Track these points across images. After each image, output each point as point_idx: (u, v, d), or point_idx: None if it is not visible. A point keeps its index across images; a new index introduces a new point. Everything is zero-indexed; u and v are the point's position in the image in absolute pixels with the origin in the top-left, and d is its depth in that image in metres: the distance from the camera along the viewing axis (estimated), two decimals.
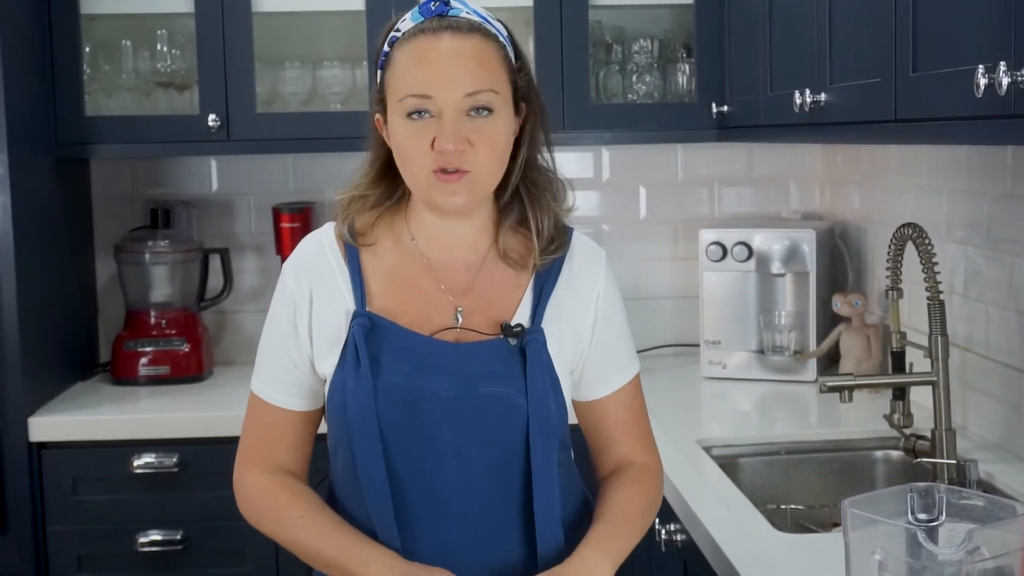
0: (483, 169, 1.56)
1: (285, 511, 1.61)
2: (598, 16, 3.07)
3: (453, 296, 1.64)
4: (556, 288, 1.66)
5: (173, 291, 3.12)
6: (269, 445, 1.66)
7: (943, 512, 1.31)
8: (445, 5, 1.58)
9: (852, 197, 3.11)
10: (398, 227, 1.67)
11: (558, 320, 1.64)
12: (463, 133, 1.53)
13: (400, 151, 1.57)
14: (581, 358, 1.68)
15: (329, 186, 3.25)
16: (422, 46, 1.55)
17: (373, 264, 1.64)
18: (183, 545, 2.72)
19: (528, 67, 1.65)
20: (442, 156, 1.52)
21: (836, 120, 2.06)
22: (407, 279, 1.64)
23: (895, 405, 2.29)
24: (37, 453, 2.70)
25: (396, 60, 1.57)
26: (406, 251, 1.66)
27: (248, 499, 1.66)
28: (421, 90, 1.53)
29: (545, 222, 1.65)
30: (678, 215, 3.35)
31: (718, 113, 2.91)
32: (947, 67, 1.58)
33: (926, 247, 2.15)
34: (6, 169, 2.61)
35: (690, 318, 3.17)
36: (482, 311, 1.63)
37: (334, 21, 3.12)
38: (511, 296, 1.65)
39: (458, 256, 1.66)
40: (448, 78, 1.53)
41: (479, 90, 1.54)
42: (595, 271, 1.70)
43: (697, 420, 2.71)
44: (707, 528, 1.89)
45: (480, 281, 1.65)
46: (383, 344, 1.59)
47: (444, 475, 1.57)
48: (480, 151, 1.54)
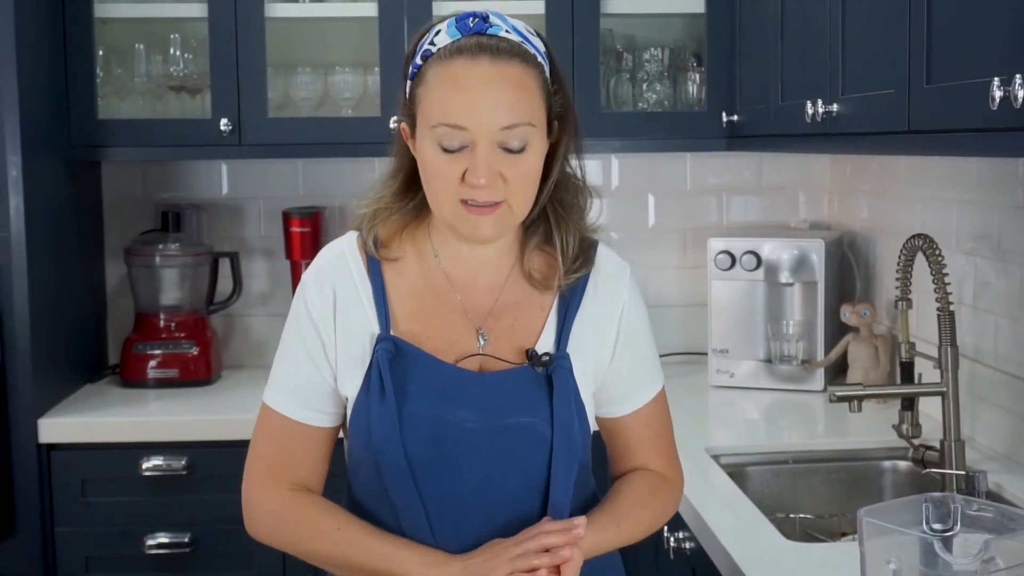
0: (514, 201, 1.51)
1: (317, 524, 1.56)
2: (609, 25, 3.08)
3: (476, 319, 1.60)
4: (581, 307, 1.62)
5: (183, 294, 3.13)
6: (292, 463, 1.60)
7: (958, 522, 1.32)
8: (484, 22, 1.51)
9: (861, 207, 3.12)
10: (421, 242, 1.62)
11: (583, 340, 1.61)
12: (496, 167, 1.47)
13: (428, 176, 1.52)
14: (603, 375, 1.65)
15: (339, 191, 3.27)
16: (459, 70, 1.48)
17: (396, 281, 1.60)
18: (191, 548, 2.72)
19: (565, 85, 1.58)
20: (472, 189, 1.47)
21: (848, 131, 2.07)
22: (430, 300, 1.60)
23: (904, 415, 2.30)
24: (46, 454, 2.70)
25: (429, 79, 1.50)
26: (429, 268, 1.61)
27: (270, 514, 1.59)
28: (455, 120, 1.46)
29: (571, 241, 1.61)
30: (687, 223, 3.36)
31: (728, 122, 2.92)
32: (962, 79, 1.59)
33: (936, 258, 2.16)
34: (19, 171, 2.62)
35: (698, 326, 3.18)
36: (506, 335, 1.60)
37: (346, 27, 3.13)
38: (535, 318, 1.62)
39: (481, 277, 1.62)
40: (484, 109, 1.46)
41: (516, 123, 1.48)
42: (619, 286, 1.65)
43: (705, 428, 2.71)
44: (717, 536, 1.90)
45: (503, 303, 1.61)
46: (408, 371, 1.55)
47: (467, 502, 1.55)
48: (512, 184, 1.49)
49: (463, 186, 1.48)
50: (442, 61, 1.49)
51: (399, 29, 2.91)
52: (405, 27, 2.90)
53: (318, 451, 1.62)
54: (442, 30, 1.52)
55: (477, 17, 1.51)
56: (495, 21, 1.52)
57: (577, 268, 1.61)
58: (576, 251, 1.61)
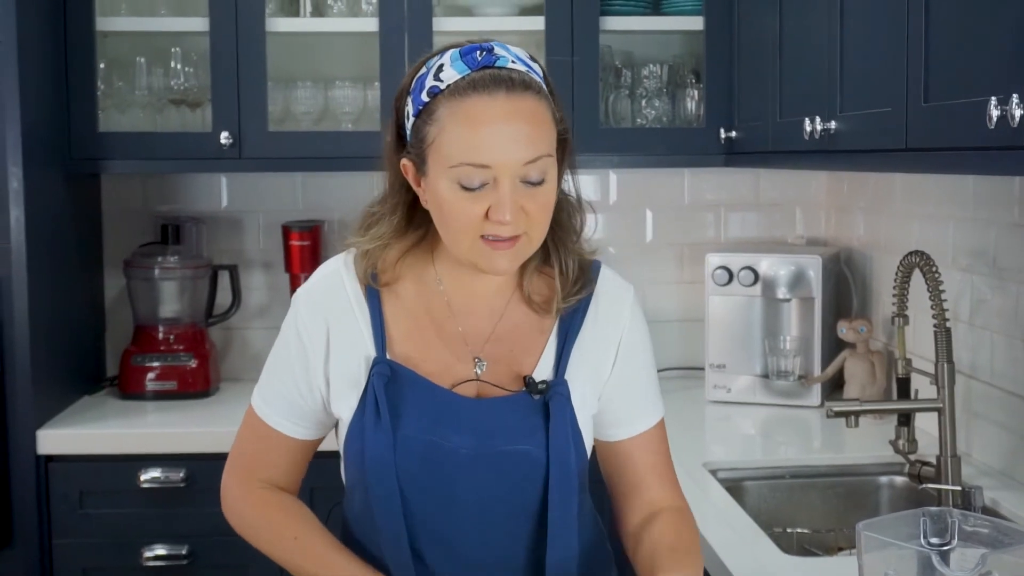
0: (535, 230, 1.49)
1: (278, 530, 1.61)
2: (608, 41, 3.10)
3: (474, 344, 1.59)
4: (581, 331, 1.60)
5: (181, 307, 3.14)
6: (266, 464, 1.65)
7: (955, 537, 1.32)
8: (490, 54, 1.47)
9: (857, 224, 3.13)
10: (422, 268, 1.60)
11: (582, 365, 1.59)
12: (519, 202, 1.46)
13: (446, 216, 1.48)
14: (601, 398, 1.63)
15: (339, 205, 3.28)
16: (476, 106, 1.44)
17: (394, 305, 1.59)
18: (188, 560, 2.72)
19: (561, 105, 1.55)
20: (496, 226, 1.45)
21: (847, 148, 2.08)
22: (428, 324, 1.59)
23: (900, 431, 2.31)
24: (44, 466, 2.71)
25: (442, 116, 1.45)
26: (429, 293, 1.60)
27: (238, 513, 1.67)
28: (478, 159, 1.43)
29: (569, 263, 1.59)
30: (684, 239, 3.37)
31: (726, 138, 2.94)
32: (959, 98, 1.60)
33: (933, 275, 2.17)
34: (20, 183, 2.63)
35: (695, 341, 3.19)
36: (504, 360, 1.58)
37: (347, 41, 3.15)
38: (534, 343, 1.60)
39: (482, 302, 1.60)
40: (506, 145, 1.44)
41: (538, 156, 1.46)
42: (621, 310, 1.64)
43: (702, 443, 2.72)
44: (715, 550, 1.90)
45: (503, 327, 1.60)
46: (403, 395, 1.54)
47: (461, 527, 1.55)
48: (533, 217, 1.47)
49: (485, 223, 1.46)
50: (456, 98, 1.45)
51: (399, 44, 2.92)
52: (406, 42, 2.92)
53: (292, 458, 1.65)
54: (445, 64, 1.47)
55: (483, 50, 1.47)
56: (500, 52, 1.48)
57: (577, 291, 1.60)
58: (576, 273, 1.59)
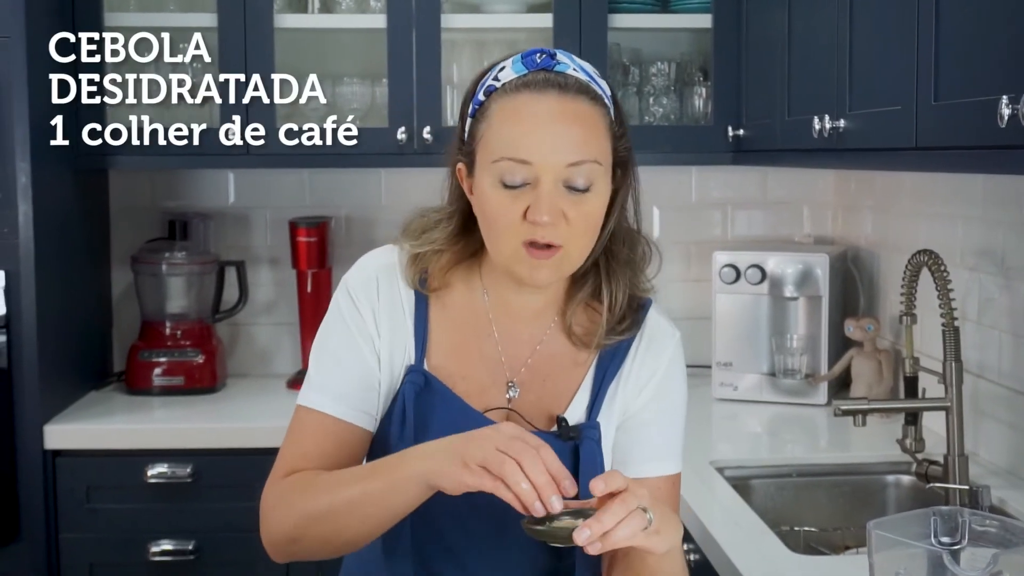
0: (575, 246, 1.43)
1: (310, 479, 1.44)
2: (616, 39, 3.09)
3: (511, 369, 1.53)
4: (620, 372, 1.53)
5: (188, 302, 3.14)
6: (319, 458, 1.48)
7: (966, 536, 1.32)
8: (551, 59, 1.44)
9: (865, 222, 3.13)
10: (470, 280, 1.55)
11: (613, 407, 1.53)
12: (559, 206, 1.40)
13: (487, 217, 1.44)
14: (618, 428, 1.55)
15: (346, 201, 3.29)
16: (524, 103, 1.41)
17: (439, 313, 1.53)
18: (195, 555, 2.73)
19: (628, 133, 1.51)
20: (534, 228, 1.40)
21: (856, 147, 2.08)
22: (470, 340, 1.53)
23: (907, 430, 2.31)
24: (52, 461, 2.71)
25: (493, 113, 1.43)
26: (475, 306, 1.54)
27: (272, 506, 1.47)
28: (519, 154, 1.39)
29: (619, 299, 1.51)
30: (691, 237, 3.37)
31: (734, 136, 2.94)
32: (970, 96, 1.60)
33: (941, 274, 2.17)
34: (28, 178, 2.64)
35: (702, 339, 3.18)
36: (536, 391, 1.52)
37: (354, 38, 3.15)
38: (570, 377, 1.54)
39: (523, 326, 1.54)
40: (551, 144, 1.39)
41: (583, 160, 1.40)
42: (662, 353, 1.56)
43: (708, 441, 2.72)
44: (723, 549, 1.90)
45: (540, 356, 1.54)
46: (434, 410, 1.48)
47: (471, 552, 1.50)
48: (575, 226, 1.41)
49: (524, 225, 1.40)
50: (507, 95, 1.43)
51: (407, 41, 2.92)
52: (413, 39, 2.92)
53: (351, 454, 1.49)
54: (507, 67, 1.46)
55: (544, 53, 1.45)
56: (562, 59, 1.45)
57: (622, 330, 1.53)
58: (624, 310, 1.52)
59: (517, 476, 1.26)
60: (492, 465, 1.27)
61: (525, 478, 1.26)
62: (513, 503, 1.27)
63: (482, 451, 1.28)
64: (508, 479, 1.26)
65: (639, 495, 1.28)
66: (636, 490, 1.29)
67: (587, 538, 1.25)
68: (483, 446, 1.29)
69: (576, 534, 1.25)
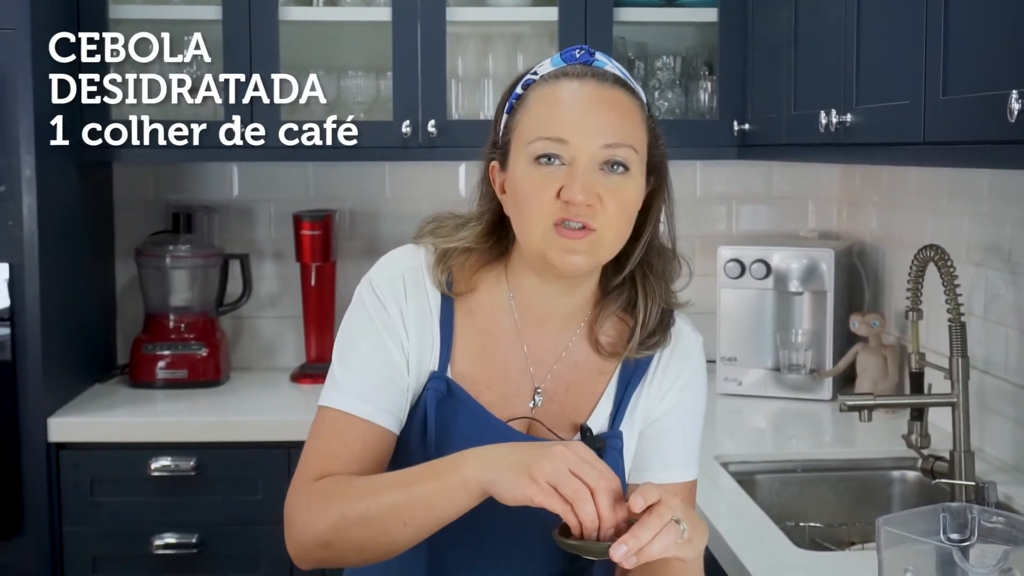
0: (610, 230, 1.40)
1: (340, 484, 1.39)
2: (622, 32, 3.09)
3: (537, 376, 1.51)
4: (643, 381, 1.52)
5: (192, 295, 3.14)
6: (346, 460, 1.43)
7: (975, 533, 1.32)
8: (590, 55, 1.46)
9: (870, 217, 3.12)
10: (497, 283, 1.52)
11: (635, 415, 1.52)
12: (594, 187, 1.38)
13: (519, 198, 1.42)
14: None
15: (350, 195, 3.29)
16: (562, 88, 1.42)
17: (465, 318, 1.50)
18: (198, 549, 2.73)
19: (663, 140, 1.50)
20: (567, 208, 1.37)
21: (862, 141, 2.07)
22: (496, 347, 1.51)
23: (913, 426, 2.30)
24: (55, 454, 2.71)
25: (530, 102, 1.44)
26: (502, 311, 1.51)
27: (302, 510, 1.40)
28: (555, 133, 1.39)
29: (654, 312, 1.50)
30: (695, 231, 3.36)
31: (739, 131, 2.93)
32: (979, 91, 1.59)
33: (948, 269, 2.16)
34: (33, 171, 2.63)
35: (707, 334, 3.14)
36: (559, 400, 1.51)
37: (359, 31, 3.14)
38: (593, 384, 1.52)
39: (549, 331, 1.52)
40: (587, 124, 1.39)
41: (619, 143, 1.39)
42: (686, 361, 1.54)
43: (713, 436, 2.71)
44: (729, 545, 1.90)
45: (565, 363, 1.52)
46: (456, 417, 1.46)
47: (486, 560, 1.48)
48: (609, 209, 1.39)
49: (557, 204, 1.38)
50: (545, 83, 1.44)
51: (412, 33, 2.91)
52: (418, 32, 2.91)
53: (379, 457, 1.45)
54: (546, 63, 1.48)
55: (583, 50, 1.47)
56: (601, 58, 1.47)
57: (653, 344, 1.51)
58: (655, 324, 1.51)
59: (589, 506, 1.24)
60: (564, 488, 1.25)
61: (593, 505, 1.25)
62: (574, 527, 1.26)
63: (555, 471, 1.25)
64: (578, 507, 1.24)
65: (672, 506, 1.27)
66: (669, 501, 1.27)
67: (624, 554, 1.23)
68: (557, 466, 1.25)
69: (613, 551, 1.23)
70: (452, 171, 3.29)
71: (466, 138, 2.88)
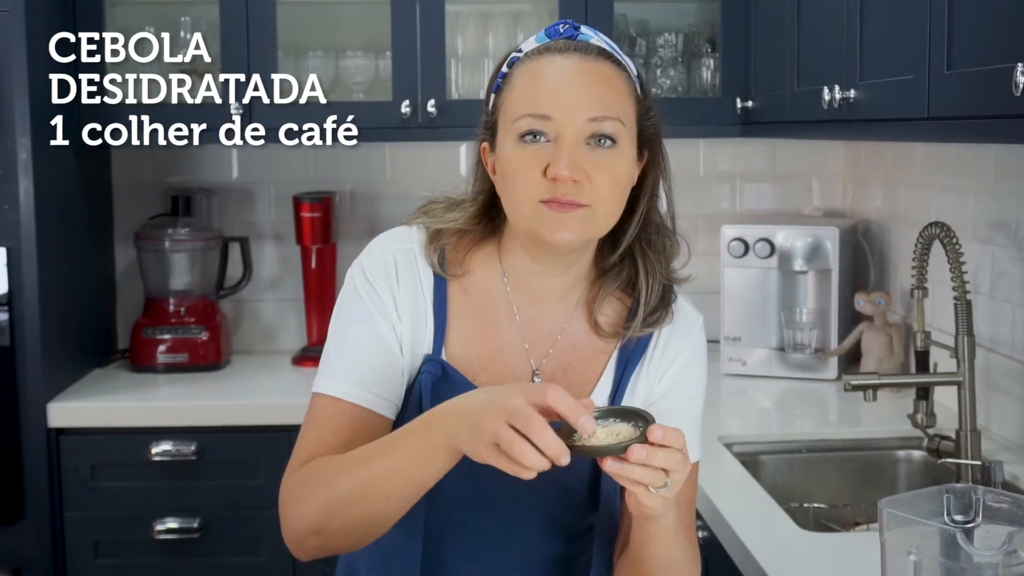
0: (601, 205, 1.37)
1: (321, 466, 1.38)
2: (623, 10, 3.06)
3: (535, 357, 1.49)
4: (642, 360, 1.50)
5: (192, 279, 3.12)
6: (338, 446, 1.41)
7: (979, 514, 1.30)
8: (575, 29, 1.43)
9: (875, 195, 3.10)
10: (491, 264, 1.50)
11: (634, 396, 1.49)
12: (582, 164, 1.35)
13: (506, 177, 1.40)
14: None
15: (350, 176, 3.27)
16: (545, 63, 1.40)
17: (459, 300, 1.48)
18: (200, 533, 2.72)
19: (656, 112, 1.47)
20: (555, 186, 1.35)
21: (866, 117, 2.05)
22: (491, 328, 1.48)
23: (918, 405, 2.28)
24: (55, 439, 2.70)
25: (515, 80, 1.42)
26: (496, 292, 1.49)
27: (292, 494, 1.41)
28: (539, 109, 1.37)
29: (656, 289, 1.47)
30: (699, 210, 3.33)
31: (743, 108, 2.90)
32: (983, 65, 1.56)
33: (954, 247, 2.14)
34: (29, 154, 2.61)
35: (711, 314, 3.13)
36: (558, 381, 1.46)
37: (358, 10, 3.12)
38: (592, 365, 1.49)
39: (545, 310, 1.49)
40: (571, 98, 1.37)
41: (604, 116, 1.37)
42: (685, 339, 1.51)
43: (717, 416, 2.69)
44: (732, 526, 1.88)
45: (562, 344, 1.49)
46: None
47: (484, 543, 1.47)
48: (599, 184, 1.36)
49: (544, 182, 1.36)
50: (530, 60, 1.42)
51: (411, 13, 2.88)
52: (417, 11, 2.88)
53: (369, 442, 1.39)
54: (530, 40, 1.45)
55: (568, 24, 1.44)
56: (586, 31, 1.44)
57: (655, 321, 1.48)
58: (657, 301, 1.48)
59: (528, 455, 1.20)
60: (503, 443, 1.22)
61: (534, 449, 1.20)
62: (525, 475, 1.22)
63: (495, 427, 1.23)
64: (520, 460, 1.21)
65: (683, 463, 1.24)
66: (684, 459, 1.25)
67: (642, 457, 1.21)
68: (496, 422, 1.23)
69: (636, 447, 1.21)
70: (453, 151, 3.27)
71: (466, 118, 2.82)
